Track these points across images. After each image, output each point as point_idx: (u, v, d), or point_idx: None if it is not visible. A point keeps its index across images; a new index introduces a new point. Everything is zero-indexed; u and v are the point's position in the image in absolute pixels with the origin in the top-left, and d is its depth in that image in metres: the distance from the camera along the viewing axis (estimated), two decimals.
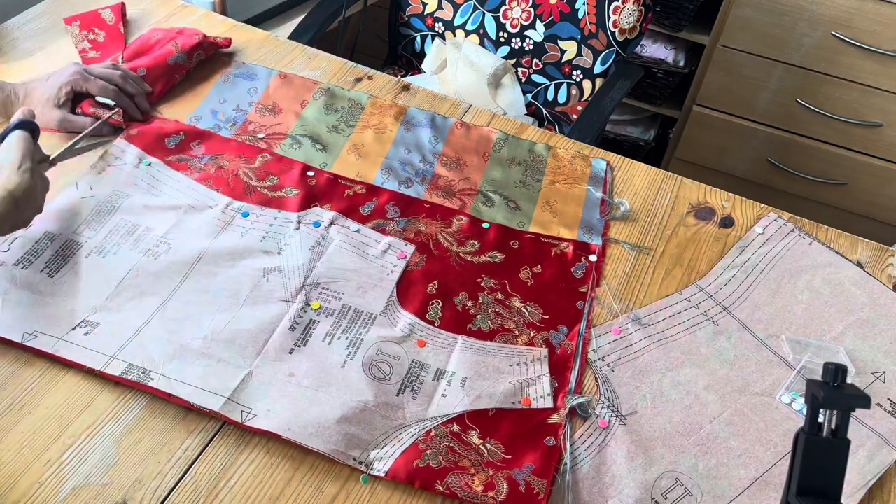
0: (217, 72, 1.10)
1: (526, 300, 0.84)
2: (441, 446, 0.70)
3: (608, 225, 0.94)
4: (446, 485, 0.67)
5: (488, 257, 0.89)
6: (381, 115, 1.07)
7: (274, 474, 0.68)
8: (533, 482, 0.68)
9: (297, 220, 0.90)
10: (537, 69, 1.45)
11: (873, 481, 0.70)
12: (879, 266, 0.92)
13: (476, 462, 0.69)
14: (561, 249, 0.90)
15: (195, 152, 0.97)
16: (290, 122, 1.04)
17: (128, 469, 0.67)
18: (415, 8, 1.53)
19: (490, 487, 0.67)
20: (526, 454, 0.70)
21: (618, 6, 1.32)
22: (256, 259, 0.85)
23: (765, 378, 0.78)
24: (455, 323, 0.81)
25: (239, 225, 0.89)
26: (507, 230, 0.92)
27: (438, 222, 0.92)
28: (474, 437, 0.72)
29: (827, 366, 0.52)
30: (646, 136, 2.03)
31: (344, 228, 0.90)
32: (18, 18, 1.16)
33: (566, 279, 0.87)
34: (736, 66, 1.74)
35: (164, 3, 1.23)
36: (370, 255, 0.87)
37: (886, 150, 1.73)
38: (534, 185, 0.98)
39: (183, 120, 1.02)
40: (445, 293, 0.84)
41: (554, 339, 0.81)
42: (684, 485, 0.69)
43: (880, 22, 1.55)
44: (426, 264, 0.87)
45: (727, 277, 0.88)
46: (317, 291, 0.82)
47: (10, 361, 0.74)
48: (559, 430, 0.72)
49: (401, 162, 1.00)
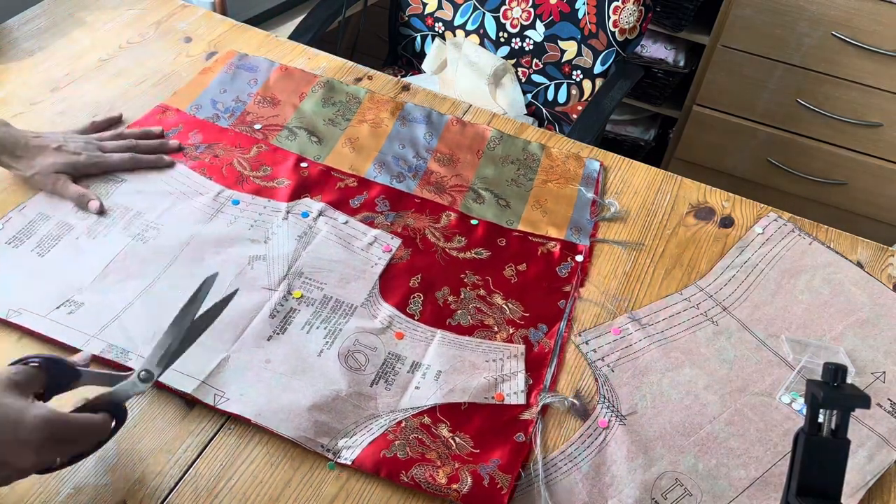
0: (222, 63, 1.11)
1: (508, 297, 0.84)
2: (410, 438, 0.70)
3: (597, 226, 0.94)
4: (411, 476, 0.67)
5: (474, 254, 0.89)
6: (377, 109, 1.07)
7: (274, 474, 0.68)
8: (497, 477, 0.68)
9: (286, 210, 0.90)
10: (537, 69, 1.45)
11: (873, 481, 0.70)
12: (879, 266, 0.92)
13: (443, 454, 0.69)
14: (548, 248, 0.90)
15: (192, 141, 0.99)
16: (288, 114, 1.05)
17: (128, 469, 0.67)
18: (415, 8, 1.53)
19: (454, 480, 0.67)
20: (494, 449, 0.70)
21: (618, 6, 1.32)
22: (243, 247, 0.85)
23: (765, 378, 0.78)
24: (435, 317, 0.81)
25: (229, 213, 0.90)
26: (495, 227, 0.92)
27: (427, 217, 0.92)
28: (444, 429, 0.72)
29: (827, 366, 0.52)
30: (646, 136, 2.03)
31: (332, 220, 0.90)
32: (18, 18, 1.16)
33: (550, 278, 0.87)
34: (736, 66, 1.74)
35: (165, 3, 1.23)
36: (356, 247, 0.88)
37: (886, 150, 1.73)
38: (525, 184, 0.98)
39: (184, 109, 1.03)
40: (428, 287, 0.84)
41: (532, 336, 0.81)
42: (684, 485, 0.69)
43: (880, 22, 1.55)
44: (411, 258, 0.87)
45: (727, 277, 0.89)
46: (300, 280, 0.83)
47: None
48: (530, 426, 0.72)
49: (394, 156, 1.00)
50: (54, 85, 1.05)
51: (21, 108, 1.01)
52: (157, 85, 1.07)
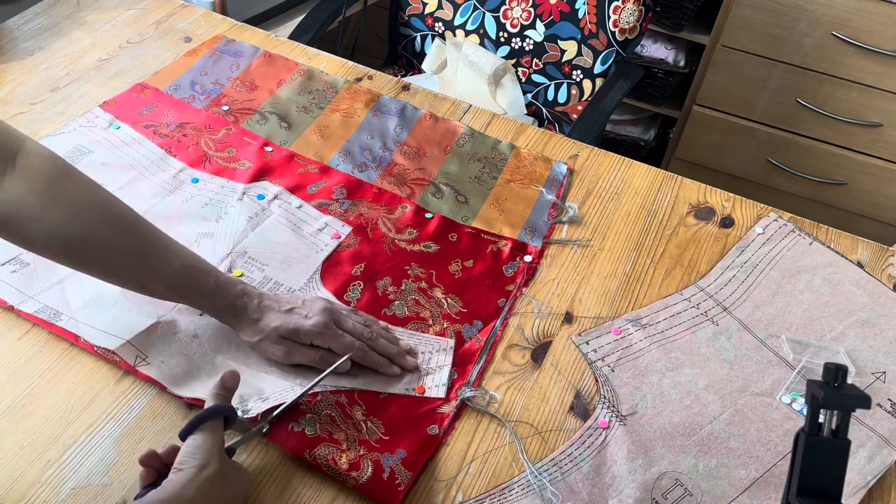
0: (208, 46, 1.13)
1: (449, 292, 0.84)
2: (322, 413, 0.70)
3: (553, 228, 0.93)
4: (314, 455, 0.67)
5: (423, 246, 0.89)
6: (353, 99, 1.08)
7: (274, 474, 0.68)
8: (398, 471, 0.67)
9: (241, 192, 0.92)
10: (537, 69, 1.45)
11: (873, 481, 0.70)
12: (879, 266, 0.92)
13: (351, 437, 0.69)
14: (498, 247, 0.90)
15: (164, 119, 1.01)
16: (263, 99, 1.06)
17: (128, 469, 0.67)
18: (415, 8, 1.53)
19: (355, 468, 0.67)
20: (404, 439, 0.70)
21: (618, 6, 1.31)
22: (194, 224, 0.87)
23: (765, 378, 0.78)
24: (371, 306, 0.82)
25: (186, 191, 0.91)
26: (448, 222, 0.92)
27: (382, 208, 0.93)
28: (358, 412, 0.72)
29: (827, 366, 0.52)
30: (646, 136, 2.03)
31: (286, 203, 0.91)
32: (18, 18, 1.16)
33: (495, 276, 0.87)
34: (736, 66, 1.74)
35: (165, 3, 1.23)
36: (305, 231, 0.88)
37: (886, 150, 1.73)
38: (488, 182, 0.98)
39: (162, 89, 1.05)
40: (369, 276, 0.85)
41: (466, 332, 0.80)
42: (684, 485, 0.69)
43: (880, 22, 1.55)
44: (358, 246, 0.88)
45: (727, 277, 0.88)
46: (242, 260, 0.84)
47: (9, 362, 0.74)
48: (445, 420, 0.72)
49: (361, 146, 1.01)
50: (54, 85, 1.05)
51: (21, 108, 1.01)
52: None
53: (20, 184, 0.65)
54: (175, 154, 0.96)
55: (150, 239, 0.70)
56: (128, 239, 0.69)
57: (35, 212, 0.65)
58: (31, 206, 0.65)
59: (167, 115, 1.01)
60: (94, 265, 0.69)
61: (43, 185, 0.66)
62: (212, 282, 0.72)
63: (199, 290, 0.71)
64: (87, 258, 0.68)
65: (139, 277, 0.70)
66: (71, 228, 0.66)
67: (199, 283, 0.71)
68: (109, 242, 0.68)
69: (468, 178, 0.98)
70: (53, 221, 0.65)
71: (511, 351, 0.80)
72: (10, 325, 0.76)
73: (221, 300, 0.72)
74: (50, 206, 0.65)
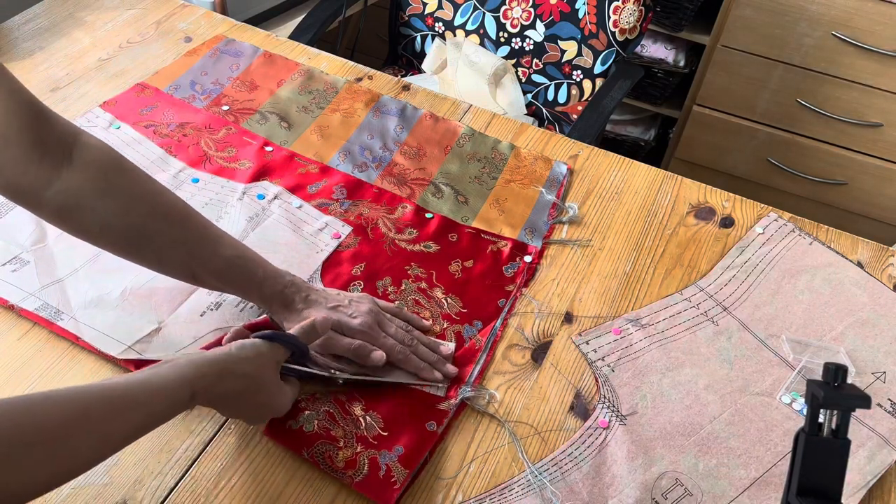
0: (208, 46, 1.13)
1: (449, 292, 0.84)
2: (321, 410, 0.71)
3: (553, 228, 0.94)
4: (311, 453, 0.68)
5: (423, 246, 0.89)
6: (353, 99, 1.08)
7: (274, 474, 0.68)
8: (395, 469, 0.67)
9: (242, 192, 0.91)
10: (537, 69, 1.45)
11: (873, 481, 0.70)
12: (879, 266, 0.92)
13: (349, 433, 0.69)
14: (498, 247, 0.90)
15: (164, 119, 1.00)
16: (263, 99, 1.06)
17: (128, 469, 0.67)
18: (415, 8, 1.53)
19: (351, 466, 0.67)
20: (402, 434, 0.70)
21: (618, 6, 1.32)
22: None
23: (765, 378, 0.78)
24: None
25: (186, 190, 0.91)
26: (448, 222, 0.92)
27: (382, 208, 0.93)
28: (357, 407, 0.72)
29: (827, 366, 0.52)
30: (646, 136, 2.03)
31: (286, 203, 0.91)
32: (18, 18, 1.16)
33: (495, 276, 0.87)
34: (736, 66, 1.74)
35: (165, 3, 1.23)
36: (305, 231, 0.88)
37: (886, 150, 1.73)
38: (488, 182, 0.98)
39: (162, 88, 1.05)
40: (370, 276, 0.85)
41: (466, 332, 0.80)
42: (684, 485, 0.69)
43: (880, 22, 1.55)
44: (358, 246, 0.88)
45: (727, 277, 0.88)
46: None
47: (9, 362, 0.74)
48: (444, 417, 0.72)
49: (361, 146, 1.01)
50: (54, 85, 1.05)
51: None
52: None
53: (77, 175, 0.66)
54: (175, 154, 0.96)
55: (201, 230, 0.71)
56: (180, 229, 0.70)
57: (91, 202, 0.66)
58: (88, 196, 0.66)
59: (167, 115, 1.01)
60: (147, 255, 0.70)
61: (99, 176, 0.67)
62: (261, 272, 0.73)
63: (249, 280, 0.72)
64: (142, 248, 0.69)
65: (191, 268, 0.71)
66: (126, 218, 0.67)
67: (249, 272, 0.72)
68: (162, 232, 0.69)
69: (468, 178, 0.98)
70: (108, 211, 0.67)
71: (511, 351, 0.80)
72: (11, 325, 0.76)
73: (270, 289, 0.73)
74: (105, 196, 0.67)
